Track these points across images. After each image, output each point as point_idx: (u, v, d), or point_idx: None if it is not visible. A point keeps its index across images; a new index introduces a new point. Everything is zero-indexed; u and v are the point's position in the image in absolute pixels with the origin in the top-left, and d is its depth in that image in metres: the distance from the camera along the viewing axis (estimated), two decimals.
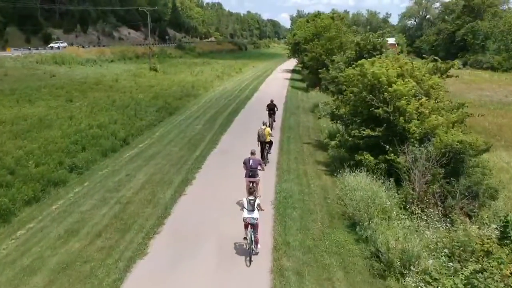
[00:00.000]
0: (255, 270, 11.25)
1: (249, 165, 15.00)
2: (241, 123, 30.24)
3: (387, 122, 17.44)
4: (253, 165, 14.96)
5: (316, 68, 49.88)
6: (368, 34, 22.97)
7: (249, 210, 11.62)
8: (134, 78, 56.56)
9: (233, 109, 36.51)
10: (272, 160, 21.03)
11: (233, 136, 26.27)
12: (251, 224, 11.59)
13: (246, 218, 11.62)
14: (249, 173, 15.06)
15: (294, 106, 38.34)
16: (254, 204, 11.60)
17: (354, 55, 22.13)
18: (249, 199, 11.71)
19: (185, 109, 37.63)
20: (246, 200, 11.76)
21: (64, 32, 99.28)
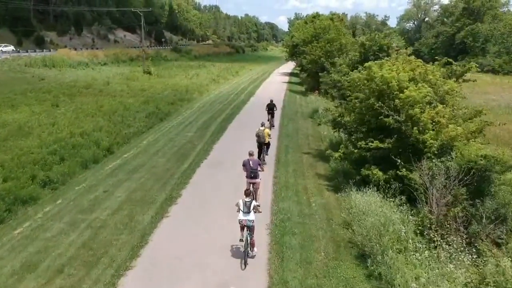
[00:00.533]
0: None
1: (249, 167, 14.78)
2: (235, 131, 28.08)
3: (398, 133, 15.32)
4: (253, 166, 14.77)
5: (315, 71, 47.85)
6: (374, 34, 20.77)
7: (244, 212, 11.29)
8: (127, 82, 54.39)
9: (228, 114, 34.36)
10: (269, 173, 18.89)
11: (226, 145, 24.10)
12: (247, 226, 11.28)
13: (242, 220, 11.31)
14: (250, 175, 14.80)
15: (292, 112, 36.20)
16: (250, 206, 11.29)
17: (358, 57, 19.99)
18: (245, 200, 11.36)
19: (177, 115, 35.47)
20: (242, 201, 11.38)
21: (58, 35, 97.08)
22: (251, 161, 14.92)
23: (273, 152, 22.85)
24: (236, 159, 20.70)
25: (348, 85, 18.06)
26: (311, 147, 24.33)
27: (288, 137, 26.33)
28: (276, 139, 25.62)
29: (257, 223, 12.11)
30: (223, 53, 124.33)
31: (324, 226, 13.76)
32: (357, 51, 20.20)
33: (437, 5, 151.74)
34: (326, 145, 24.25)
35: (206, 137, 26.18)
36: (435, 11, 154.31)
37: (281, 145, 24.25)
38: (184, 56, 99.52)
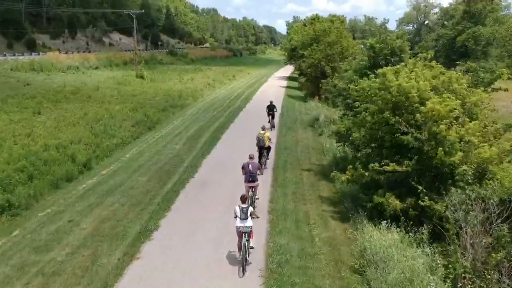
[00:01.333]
0: None
1: (248, 170, 14.62)
2: (228, 142, 25.41)
3: (418, 153, 12.67)
4: (253, 169, 14.62)
5: (315, 75, 45.26)
6: (385, 35, 18.12)
7: (242, 218, 11.10)
8: (118, 86, 51.66)
9: (222, 123, 31.68)
10: (264, 195, 16.20)
11: (217, 160, 21.40)
12: (245, 232, 11.06)
13: (239, 227, 11.11)
14: (249, 178, 14.66)
15: (291, 120, 33.54)
16: (247, 212, 11.11)
17: (366, 62, 17.37)
18: (242, 207, 11.18)
19: (167, 123, 32.82)
20: (239, 208, 11.19)
21: (50, 38, 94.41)
22: (251, 164, 14.67)
23: (271, 167, 20.22)
24: (227, 177, 18.14)
25: (356, 95, 15.41)
26: (312, 162, 21.64)
27: (286, 150, 23.64)
28: (274, 152, 22.97)
29: (250, 268, 11.03)
30: (220, 57, 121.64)
31: (331, 272, 11.07)
32: (365, 54, 17.56)
33: (436, 8, 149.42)
34: (329, 159, 21.60)
35: (195, 150, 23.49)
36: (435, 14, 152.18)
37: (279, 160, 21.56)
38: (180, 60, 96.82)
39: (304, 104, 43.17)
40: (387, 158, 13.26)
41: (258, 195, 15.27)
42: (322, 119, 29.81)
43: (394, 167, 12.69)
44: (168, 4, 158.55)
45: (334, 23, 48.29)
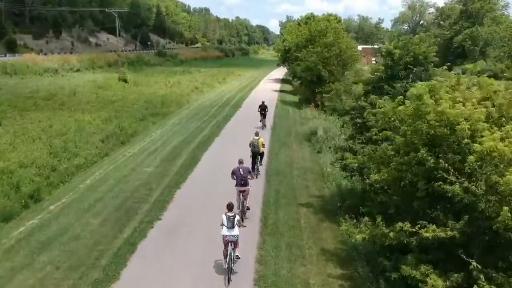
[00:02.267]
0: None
1: (239, 174, 14.30)
2: (211, 164, 21.25)
3: (470, 211, 8.67)
4: (244, 174, 14.33)
5: (310, 80, 41.24)
6: (408, 38, 13.86)
7: (228, 227, 10.76)
8: (97, 91, 47.33)
9: (205, 137, 27.56)
10: (250, 252, 12.10)
11: (194, 193, 17.22)
12: (231, 241, 10.73)
13: (226, 236, 10.77)
14: (240, 182, 14.28)
15: (285, 132, 29.45)
16: (234, 221, 10.79)
17: (383, 72, 13.24)
18: (229, 215, 10.86)
19: (144, 136, 28.68)
20: (226, 216, 10.88)
21: (33, 38, 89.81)
22: (241, 169, 14.44)
23: (259, 201, 16.13)
24: (205, 219, 14.03)
25: (374, 120, 11.35)
26: (311, 192, 17.54)
27: (279, 175, 19.51)
28: (264, 178, 18.93)
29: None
30: (211, 57, 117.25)
31: None
32: (381, 65, 13.58)
33: (432, 7, 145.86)
34: (332, 189, 17.54)
35: (169, 175, 19.32)
36: (430, 13, 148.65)
37: (270, 190, 17.42)
38: (169, 61, 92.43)
39: (299, 111, 39.14)
40: (421, 215, 9.24)
41: (249, 204, 14.55)
42: (320, 133, 25.78)
43: (435, 231, 8.65)
44: (159, 3, 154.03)
45: (331, 23, 44.27)
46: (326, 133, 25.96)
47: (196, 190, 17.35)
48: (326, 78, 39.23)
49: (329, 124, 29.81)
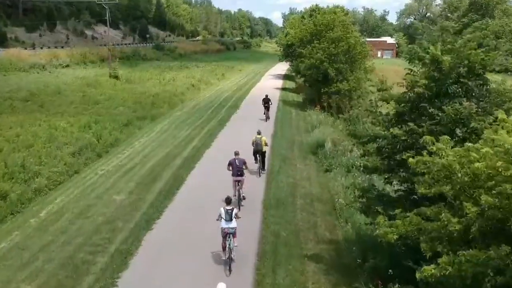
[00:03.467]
0: None
1: (235, 165, 15.14)
2: (197, 189, 17.26)
3: None
4: (239, 165, 15.18)
5: (315, 78, 37.14)
6: (463, 41, 9.61)
7: (226, 220, 11.20)
8: (85, 89, 43.33)
9: (195, 148, 23.60)
10: None
11: (171, 235, 13.25)
12: (230, 233, 11.15)
13: (224, 228, 11.22)
14: (236, 173, 15.16)
15: (287, 142, 25.41)
16: (232, 214, 11.22)
17: (425, 87, 9.15)
18: (227, 209, 11.29)
19: (125, 146, 24.80)
20: (224, 210, 11.29)
21: (26, 31, 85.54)
22: (237, 160, 15.26)
23: (253, 249, 12.23)
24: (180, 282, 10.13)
25: (423, 169, 7.26)
26: (320, 235, 13.50)
27: (279, 207, 15.45)
28: (260, 211, 15.02)
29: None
30: (212, 51, 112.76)
31: None
32: (424, 74, 9.51)
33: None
34: (348, 232, 13.53)
35: (142, 207, 15.31)
36: (437, 5, 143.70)
37: (267, 233, 13.39)
38: (168, 55, 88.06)
39: (303, 114, 35.07)
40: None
41: (244, 194, 15.37)
42: (329, 146, 21.78)
43: None
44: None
45: (338, 15, 39.99)
46: (335, 146, 21.96)
47: (172, 232, 13.40)
48: (333, 77, 35.19)
49: (337, 132, 25.86)
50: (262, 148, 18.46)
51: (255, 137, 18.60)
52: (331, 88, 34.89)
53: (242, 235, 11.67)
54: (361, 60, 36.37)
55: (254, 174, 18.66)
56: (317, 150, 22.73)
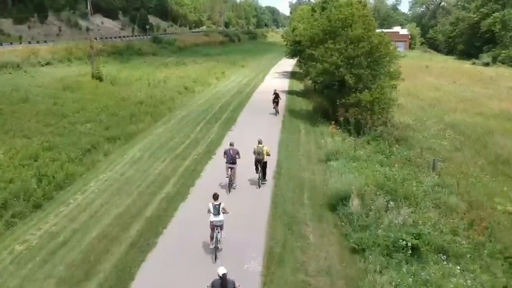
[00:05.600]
0: None
1: (229, 154, 17.09)
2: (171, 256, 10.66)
3: None
4: (233, 154, 17.08)
5: (329, 86, 30.09)
6: None
7: (214, 214, 12.27)
8: (60, 94, 36.52)
9: (166, 199, 16.72)
10: None
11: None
12: (217, 226, 12.22)
13: (212, 221, 12.28)
14: (230, 161, 17.11)
15: (294, 185, 18.31)
16: (219, 208, 12.29)
17: None
18: (215, 204, 12.36)
19: (74, 191, 18.06)
20: (212, 205, 12.35)
21: (14, 22, 78.73)
22: (231, 150, 17.18)
23: None
24: None
25: None
26: None
27: None
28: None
29: None
30: (214, 43, 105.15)
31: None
32: None
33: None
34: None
35: None
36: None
37: None
38: (166, 48, 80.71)
39: (313, 131, 28.03)
40: None
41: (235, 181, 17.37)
42: (355, 204, 14.84)
43: None
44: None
45: (355, 7, 32.47)
46: (363, 201, 15.05)
47: None
48: (352, 85, 28.14)
49: (365, 168, 18.94)
50: (264, 158, 17.85)
51: (256, 146, 17.93)
52: (349, 99, 27.83)
53: None
54: (386, 64, 29.19)
55: (254, 185, 18.12)
56: (337, 204, 15.82)
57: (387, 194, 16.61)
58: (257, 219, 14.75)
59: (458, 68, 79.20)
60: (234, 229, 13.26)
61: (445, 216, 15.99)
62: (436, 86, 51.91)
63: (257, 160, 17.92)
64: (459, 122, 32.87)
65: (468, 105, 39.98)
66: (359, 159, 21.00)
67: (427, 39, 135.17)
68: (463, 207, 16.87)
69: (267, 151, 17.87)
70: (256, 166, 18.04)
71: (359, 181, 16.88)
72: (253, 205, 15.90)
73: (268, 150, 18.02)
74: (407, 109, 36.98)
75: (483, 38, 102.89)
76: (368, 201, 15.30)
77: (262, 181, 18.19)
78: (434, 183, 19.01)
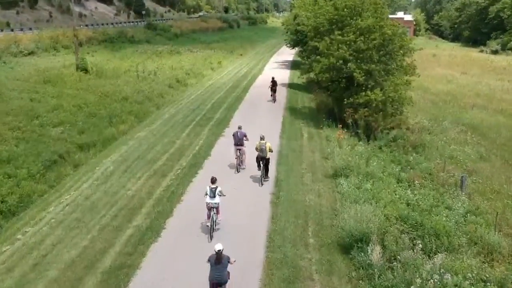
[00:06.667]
0: None
1: (237, 137, 17.96)
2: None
3: None
4: (240, 136, 17.93)
5: (336, 81, 26.40)
6: None
7: (211, 196, 12.93)
8: (39, 89, 32.71)
9: (133, 237, 13.19)
10: None
11: None
12: (213, 207, 12.96)
13: (209, 203, 12.98)
14: (237, 143, 18.00)
15: (296, 217, 14.57)
16: (215, 191, 12.92)
17: None
18: (211, 187, 12.97)
19: (27, 219, 14.60)
20: (209, 188, 12.99)
21: (1, 7, 74.56)
22: (239, 132, 18.04)
23: None
24: None
25: None
26: None
27: None
28: None
29: None
30: (212, 29, 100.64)
31: None
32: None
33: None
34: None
35: None
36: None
37: None
38: (161, 35, 76.41)
39: (318, 135, 24.43)
40: None
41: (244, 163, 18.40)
42: (376, 251, 11.34)
43: None
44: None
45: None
46: (387, 249, 11.56)
47: None
48: (362, 82, 24.47)
49: (382, 189, 15.44)
50: (267, 155, 17.27)
51: (259, 142, 17.41)
52: (357, 98, 24.20)
53: None
54: (400, 58, 25.47)
55: (257, 182, 17.33)
56: (351, 247, 12.33)
57: (412, 229, 13.20)
58: (248, 277, 11.25)
59: (466, 56, 75.11)
60: None
61: (487, 260, 12.60)
62: (447, 77, 48.10)
63: (259, 157, 17.37)
64: (479, 122, 29.26)
65: (485, 100, 36.30)
66: (373, 176, 17.48)
67: (431, 25, 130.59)
68: (506, 246, 13.43)
69: (269, 148, 17.22)
70: (258, 163, 17.50)
71: (377, 213, 13.37)
72: (245, 251, 12.35)
73: (271, 146, 17.39)
74: (419, 106, 33.33)
75: (491, 24, 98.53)
76: (391, 245, 11.81)
77: (265, 178, 17.50)
78: (465, 209, 15.54)
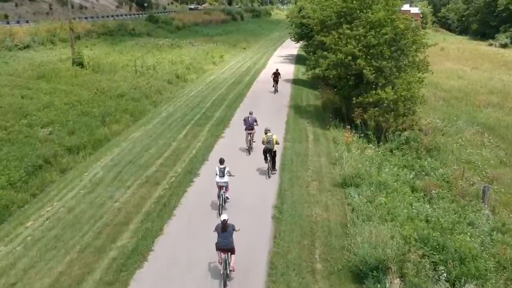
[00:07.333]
0: None
1: (248, 122, 19.19)
2: None
3: None
4: (251, 121, 19.18)
5: (344, 79, 24.63)
6: None
7: (220, 176, 13.75)
8: (32, 85, 31.08)
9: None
10: None
11: None
12: (222, 186, 13.77)
13: (218, 182, 13.80)
14: (249, 127, 19.24)
15: (302, 236, 12.67)
16: (224, 171, 13.74)
17: None
18: (220, 167, 13.82)
19: (15, 224, 13.24)
20: (218, 168, 13.79)
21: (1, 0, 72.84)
22: (250, 117, 19.30)
23: None
24: None
25: None
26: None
27: None
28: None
29: None
30: (215, 21, 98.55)
31: None
32: None
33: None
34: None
35: None
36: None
37: None
38: (162, 28, 74.54)
39: (324, 137, 22.69)
40: None
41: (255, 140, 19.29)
42: (395, 285, 9.68)
43: None
44: None
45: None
46: (407, 282, 9.90)
47: None
48: (372, 80, 22.71)
49: (397, 202, 13.77)
50: (273, 147, 17.19)
51: (265, 135, 17.29)
52: (367, 97, 22.45)
53: None
54: (413, 54, 23.66)
55: (264, 175, 17.24)
56: (365, 275, 10.68)
57: (434, 252, 11.55)
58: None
59: (475, 50, 72.93)
60: None
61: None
62: (457, 73, 46.12)
63: (266, 149, 17.31)
64: (496, 122, 27.45)
65: (500, 98, 34.41)
66: (387, 186, 15.79)
67: (438, 18, 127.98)
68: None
69: (276, 140, 17.27)
70: (265, 156, 17.44)
71: (394, 234, 11.69)
72: (241, 279, 10.73)
73: (277, 138, 17.44)
74: (430, 103, 31.54)
75: (500, 17, 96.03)
76: (411, 275, 10.14)
77: (272, 171, 17.46)
78: (490, 226, 13.85)
